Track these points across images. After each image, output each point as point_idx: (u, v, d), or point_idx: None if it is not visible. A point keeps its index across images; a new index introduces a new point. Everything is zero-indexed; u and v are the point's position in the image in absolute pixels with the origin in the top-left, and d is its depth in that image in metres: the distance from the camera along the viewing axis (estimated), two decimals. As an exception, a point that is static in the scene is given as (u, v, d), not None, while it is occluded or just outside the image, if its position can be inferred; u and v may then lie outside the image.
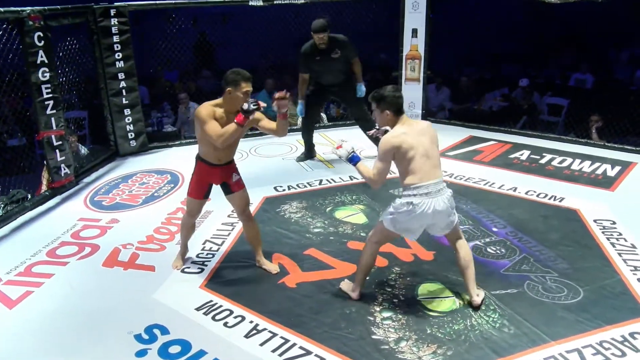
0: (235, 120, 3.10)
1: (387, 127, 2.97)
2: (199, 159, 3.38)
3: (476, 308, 3.02)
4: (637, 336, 2.77)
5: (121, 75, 5.85)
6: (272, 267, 3.56)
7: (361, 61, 5.54)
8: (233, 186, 3.44)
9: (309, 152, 5.87)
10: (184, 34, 7.17)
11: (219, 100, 3.23)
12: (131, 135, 6.10)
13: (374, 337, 2.85)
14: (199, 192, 3.45)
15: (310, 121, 5.79)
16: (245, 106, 3.07)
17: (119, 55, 5.78)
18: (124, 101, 5.95)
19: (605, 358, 2.63)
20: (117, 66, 5.80)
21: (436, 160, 2.90)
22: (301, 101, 5.59)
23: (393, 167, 2.92)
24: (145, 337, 2.89)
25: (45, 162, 4.94)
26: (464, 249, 3.07)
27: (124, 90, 5.91)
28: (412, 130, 2.87)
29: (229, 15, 9.32)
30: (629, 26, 8.66)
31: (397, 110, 2.92)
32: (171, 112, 7.92)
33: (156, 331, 2.93)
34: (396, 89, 2.96)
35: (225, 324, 2.99)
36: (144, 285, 3.41)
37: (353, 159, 2.98)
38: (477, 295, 3.04)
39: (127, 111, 6.00)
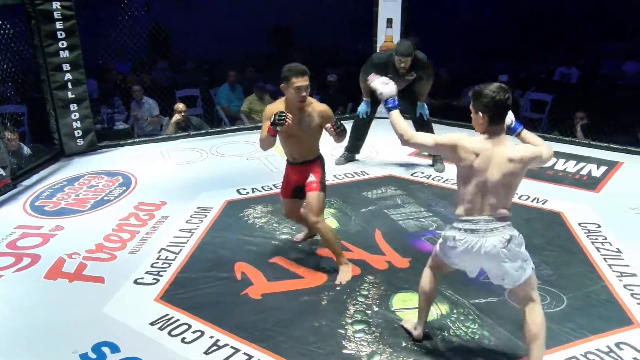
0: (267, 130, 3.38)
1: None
2: None
3: None
4: (624, 347, 2.85)
5: (66, 67, 5.74)
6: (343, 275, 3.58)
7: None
8: (306, 186, 3.56)
9: (351, 150, 5.78)
10: (137, 21, 7.08)
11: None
12: (78, 133, 6.00)
13: (345, 351, 2.86)
14: (285, 191, 3.77)
15: (363, 127, 5.72)
16: (272, 119, 3.33)
17: (63, 44, 5.66)
18: (70, 95, 5.84)
19: (589, 370, 2.71)
20: (61, 56, 5.69)
21: (498, 199, 2.50)
22: (366, 99, 5.47)
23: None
24: (93, 356, 2.84)
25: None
26: (533, 317, 2.58)
27: (69, 83, 5.80)
28: (490, 152, 2.47)
29: (187, 1, 9.25)
30: (618, 18, 8.92)
31: (493, 117, 2.47)
32: (123, 107, 7.82)
33: (105, 349, 2.88)
34: (503, 90, 2.46)
35: (182, 340, 2.96)
36: (92, 299, 3.35)
37: (390, 102, 2.78)
38: None
39: (73, 106, 5.89)
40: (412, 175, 5.37)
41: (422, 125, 5.35)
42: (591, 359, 2.78)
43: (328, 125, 3.39)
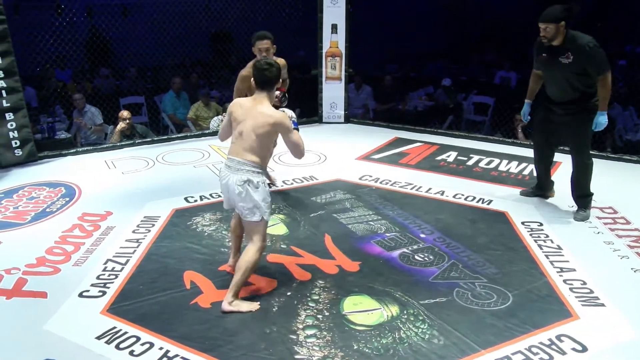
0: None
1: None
2: None
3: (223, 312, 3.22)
4: (564, 338, 2.97)
5: (-1, 74, 5.54)
6: None
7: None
8: None
9: (539, 187, 4.95)
10: (77, 27, 6.90)
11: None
12: (15, 143, 5.79)
13: (296, 357, 2.86)
14: None
15: (538, 148, 4.80)
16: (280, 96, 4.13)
17: (-6, 50, 5.47)
18: (5, 104, 5.63)
19: (533, 363, 2.79)
20: (-7, 63, 5.48)
21: (248, 145, 3.17)
22: (527, 101, 4.70)
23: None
24: (35, 374, 2.75)
25: None
26: (245, 253, 3.26)
27: (3, 91, 5.59)
28: (248, 108, 3.21)
29: (129, 7, 9.08)
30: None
31: (257, 82, 3.23)
32: (64, 116, 7.61)
33: (48, 367, 2.78)
34: (270, 64, 3.22)
35: (131, 353, 2.89)
36: (33, 315, 3.23)
37: None
38: (229, 303, 3.23)
39: (8, 115, 5.68)
40: (360, 179, 5.43)
41: (579, 136, 4.39)
42: (535, 352, 2.87)
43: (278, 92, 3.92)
